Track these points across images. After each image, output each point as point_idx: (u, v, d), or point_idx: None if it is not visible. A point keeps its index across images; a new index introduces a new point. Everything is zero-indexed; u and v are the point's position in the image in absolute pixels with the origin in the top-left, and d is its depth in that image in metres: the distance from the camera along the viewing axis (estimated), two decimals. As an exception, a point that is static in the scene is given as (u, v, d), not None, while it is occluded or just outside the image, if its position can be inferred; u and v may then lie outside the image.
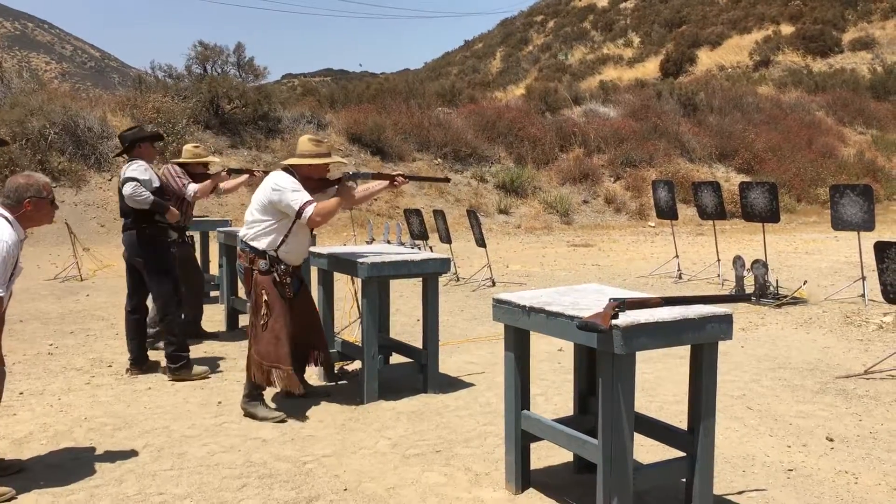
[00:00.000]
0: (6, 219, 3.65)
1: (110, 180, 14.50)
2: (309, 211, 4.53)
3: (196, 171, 6.72)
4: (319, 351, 5.03)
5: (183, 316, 6.79)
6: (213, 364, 6.02)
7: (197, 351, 6.44)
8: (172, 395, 5.23)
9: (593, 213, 18.17)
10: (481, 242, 9.75)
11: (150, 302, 5.97)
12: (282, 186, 4.56)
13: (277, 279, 4.65)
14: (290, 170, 4.71)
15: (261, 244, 4.64)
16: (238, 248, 4.78)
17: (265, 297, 4.62)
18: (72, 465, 4.00)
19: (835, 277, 9.90)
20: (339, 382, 5.50)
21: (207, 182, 6.64)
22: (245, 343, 6.66)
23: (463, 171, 18.64)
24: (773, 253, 11.42)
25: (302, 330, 4.86)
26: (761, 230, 9.85)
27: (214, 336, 6.93)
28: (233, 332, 7.17)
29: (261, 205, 4.66)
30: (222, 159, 16.37)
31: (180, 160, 6.77)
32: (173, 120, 15.97)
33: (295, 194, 4.54)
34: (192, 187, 6.46)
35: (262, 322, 4.63)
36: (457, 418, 4.70)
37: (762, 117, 23.50)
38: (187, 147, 6.92)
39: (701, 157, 20.94)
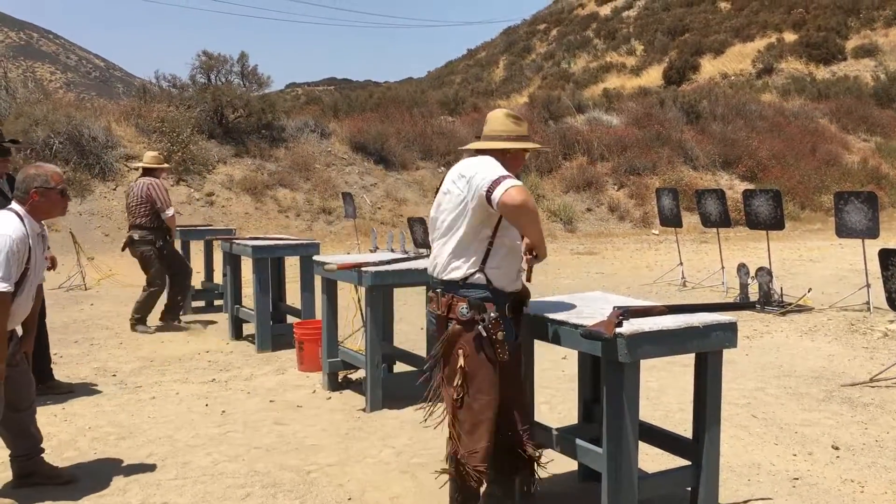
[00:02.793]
0: (16, 213, 3.58)
1: (115, 189, 14.54)
2: (500, 191, 2.96)
3: (157, 176, 7.64)
4: (524, 437, 3.28)
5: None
6: (216, 374, 6.02)
7: (201, 360, 6.45)
8: (176, 404, 5.22)
9: (597, 221, 18.17)
10: (485, 251, 9.71)
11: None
12: (479, 169, 3.10)
13: (484, 334, 3.09)
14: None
15: (457, 271, 3.13)
16: (429, 291, 3.35)
17: (461, 363, 3.10)
18: (75, 474, 3.99)
19: (839, 285, 9.87)
20: (343, 391, 5.49)
21: (173, 223, 7.60)
22: (249, 350, 6.69)
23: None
24: (778, 260, 11.39)
25: (503, 402, 3.21)
26: (765, 238, 9.82)
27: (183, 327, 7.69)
28: (237, 341, 7.18)
29: (454, 207, 3.15)
30: (227, 168, 16.42)
31: (144, 164, 7.71)
32: (178, 129, 16.02)
33: (493, 170, 3.06)
34: (170, 212, 7.46)
35: (455, 396, 3.13)
36: (461, 427, 4.68)
37: (765, 125, 23.48)
38: (150, 154, 7.90)
39: (704, 165, 20.93)
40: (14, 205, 3.64)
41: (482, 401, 3.09)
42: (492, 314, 3.08)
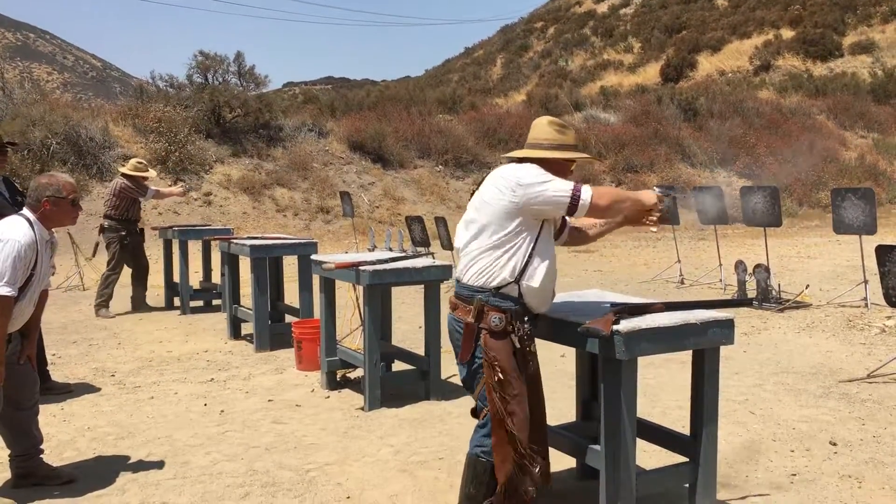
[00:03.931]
0: (26, 219, 3.63)
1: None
2: (587, 193, 2.98)
3: (137, 184, 8.37)
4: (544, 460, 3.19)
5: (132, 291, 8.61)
6: (215, 373, 6.03)
7: (199, 360, 6.45)
8: (175, 404, 5.23)
9: (595, 219, 18.16)
10: (483, 249, 9.70)
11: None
12: (529, 175, 3.00)
13: (518, 345, 3.01)
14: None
15: (495, 278, 2.99)
16: (453, 294, 3.16)
17: (499, 376, 2.95)
18: (74, 474, 3.99)
19: (837, 281, 9.89)
20: (342, 390, 5.50)
21: (168, 191, 9.08)
22: (248, 349, 6.69)
23: (464, 177, 18.67)
24: (775, 257, 11.41)
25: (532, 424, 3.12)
26: (763, 234, 9.84)
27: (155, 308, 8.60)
28: (236, 340, 7.18)
29: (496, 212, 3.00)
30: (224, 168, 16.42)
31: (126, 171, 8.40)
32: (175, 129, 16.02)
33: (554, 179, 3.02)
34: (150, 193, 8.48)
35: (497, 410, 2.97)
36: (459, 425, 4.69)
37: (763, 122, 23.51)
38: (132, 162, 8.59)
39: (702, 162, 20.96)
40: (25, 211, 3.70)
41: (518, 416, 2.97)
42: (526, 325, 3.03)
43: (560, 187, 2.97)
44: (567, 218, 3.22)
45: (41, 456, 3.92)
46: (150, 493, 3.78)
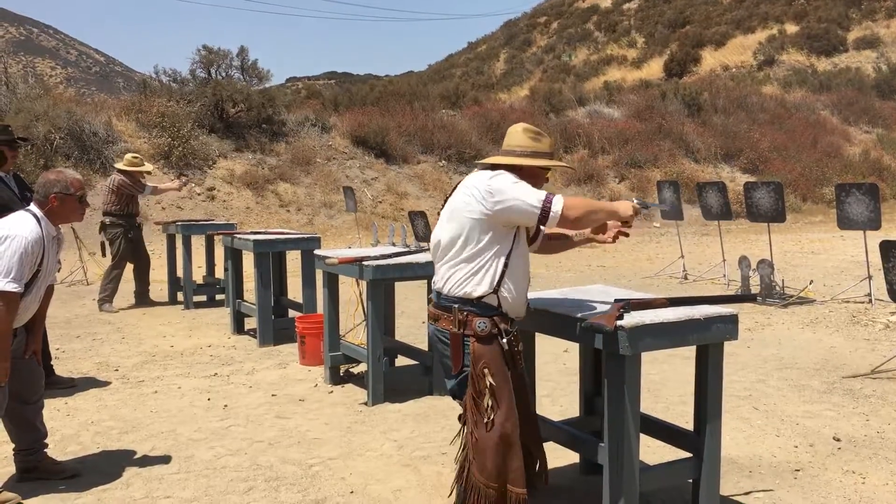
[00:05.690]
0: (33, 215, 3.64)
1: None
2: (558, 204, 2.92)
3: (134, 180, 8.44)
4: (538, 457, 3.27)
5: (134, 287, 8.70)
6: (218, 368, 6.03)
7: (202, 355, 6.46)
8: (178, 398, 5.24)
9: (598, 214, 18.13)
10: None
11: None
12: (500, 184, 2.95)
13: (506, 347, 3.02)
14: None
15: (476, 288, 2.97)
16: (431, 305, 3.17)
17: (490, 381, 2.94)
18: (78, 468, 4.00)
19: (841, 277, 9.87)
20: (345, 385, 5.50)
21: (166, 186, 9.35)
22: (251, 344, 6.70)
23: (467, 172, 18.58)
24: (779, 253, 11.39)
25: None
26: (767, 230, 9.83)
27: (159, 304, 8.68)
28: (239, 335, 7.19)
29: (469, 221, 2.97)
30: (227, 163, 16.42)
31: (122, 167, 8.46)
32: (178, 124, 16.01)
33: (525, 188, 2.96)
34: (147, 190, 8.54)
35: (485, 419, 2.94)
36: (463, 420, 4.69)
37: (767, 117, 23.45)
38: (128, 157, 8.64)
39: (706, 158, 20.90)
40: (32, 206, 3.70)
41: (512, 418, 2.95)
42: (512, 327, 3.04)
43: (531, 197, 2.91)
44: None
45: (45, 450, 3.93)
46: (154, 486, 3.79)
